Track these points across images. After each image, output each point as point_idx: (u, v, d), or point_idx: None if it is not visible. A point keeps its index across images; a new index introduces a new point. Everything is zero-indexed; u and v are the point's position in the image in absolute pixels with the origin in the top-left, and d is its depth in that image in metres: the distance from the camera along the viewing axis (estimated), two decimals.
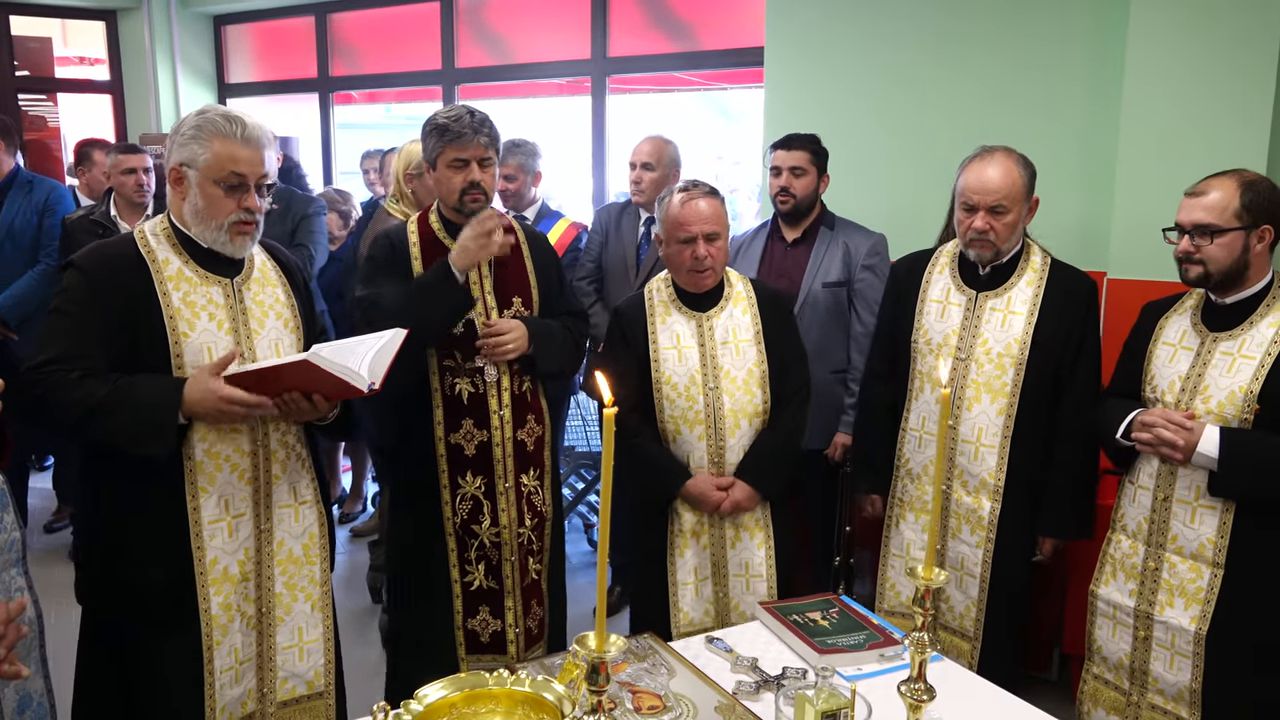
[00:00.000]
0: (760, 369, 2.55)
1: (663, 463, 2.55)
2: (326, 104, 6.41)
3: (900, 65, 3.84)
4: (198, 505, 2.05)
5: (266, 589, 2.18)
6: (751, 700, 1.82)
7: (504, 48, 5.66)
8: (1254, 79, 3.03)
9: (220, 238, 2.05)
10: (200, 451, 2.04)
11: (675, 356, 2.54)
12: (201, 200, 2.02)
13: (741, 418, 2.54)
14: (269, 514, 2.16)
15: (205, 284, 2.07)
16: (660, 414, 2.56)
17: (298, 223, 4.22)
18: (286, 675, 2.22)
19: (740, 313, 2.58)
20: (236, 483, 2.10)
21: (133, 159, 4.20)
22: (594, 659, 1.22)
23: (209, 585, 2.07)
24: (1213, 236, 2.17)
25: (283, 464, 2.17)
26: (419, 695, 1.37)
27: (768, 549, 2.58)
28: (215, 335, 2.06)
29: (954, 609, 2.66)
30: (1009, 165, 2.48)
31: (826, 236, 3.26)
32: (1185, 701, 2.26)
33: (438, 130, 2.48)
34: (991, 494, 2.56)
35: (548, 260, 2.72)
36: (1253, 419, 2.15)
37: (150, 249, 2.04)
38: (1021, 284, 2.56)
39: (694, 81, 5.53)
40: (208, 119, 2.01)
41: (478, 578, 2.60)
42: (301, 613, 2.23)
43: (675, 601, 2.56)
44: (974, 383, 2.55)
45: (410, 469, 2.62)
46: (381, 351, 2.05)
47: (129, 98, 6.62)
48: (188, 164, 2.02)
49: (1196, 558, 2.23)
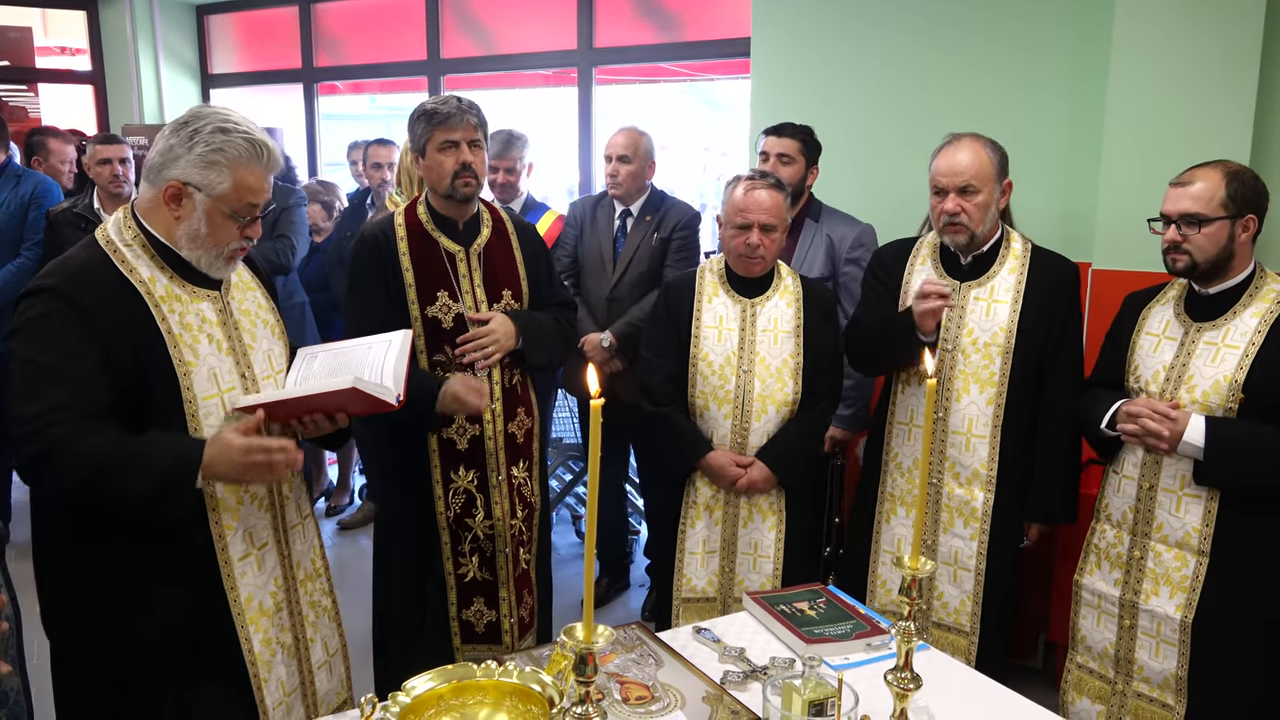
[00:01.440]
0: (795, 360, 2.62)
1: (688, 433, 2.65)
2: (311, 95, 6.37)
3: (886, 56, 3.84)
4: (225, 545, 1.86)
5: (297, 614, 2.04)
6: (739, 690, 1.82)
7: (489, 38, 5.63)
8: (1238, 69, 3.04)
9: (216, 263, 1.87)
10: (220, 488, 1.85)
11: (715, 336, 2.64)
12: (206, 227, 1.81)
13: (770, 404, 2.61)
14: (287, 538, 2.02)
15: (194, 300, 1.86)
16: (692, 388, 2.65)
17: (278, 214, 4.19)
18: (325, 693, 2.11)
19: (785, 304, 2.66)
20: (257, 512, 1.94)
21: (108, 149, 4.16)
22: (581, 650, 1.22)
23: (248, 625, 1.90)
24: (1199, 226, 2.18)
25: (289, 481, 2.03)
26: (406, 687, 1.37)
27: (778, 533, 2.65)
28: (218, 359, 1.86)
29: (948, 605, 2.63)
30: (976, 147, 2.51)
31: (811, 229, 3.25)
32: (1172, 689, 2.27)
33: (425, 116, 2.47)
34: (984, 485, 2.56)
35: (537, 251, 2.71)
36: (1237, 408, 2.16)
37: (130, 266, 1.79)
38: (1004, 272, 2.57)
39: (681, 72, 5.52)
40: (232, 144, 1.78)
41: (472, 569, 2.60)
42: (325, 627, 2.12)
43: (680, 568, 2.66)
44: (962, 373, 2.56)
45: (400, 463, 2.61)
46: (399, 360, 1.98)
47: (111, 88, 6.55)
48: (197, 187, 1.79)
49: (1182, 546, 2.24)
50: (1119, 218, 3.26)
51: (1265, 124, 3.10)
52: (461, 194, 2.48)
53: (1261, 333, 2.17)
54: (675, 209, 3.62)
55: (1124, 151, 3.25)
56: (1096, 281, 3.31)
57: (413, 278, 2.50)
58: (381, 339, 2.05)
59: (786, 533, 2.65)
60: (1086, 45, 3.44)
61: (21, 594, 1.98)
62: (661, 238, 3.56)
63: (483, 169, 2.51)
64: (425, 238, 2.53)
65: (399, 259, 2.51)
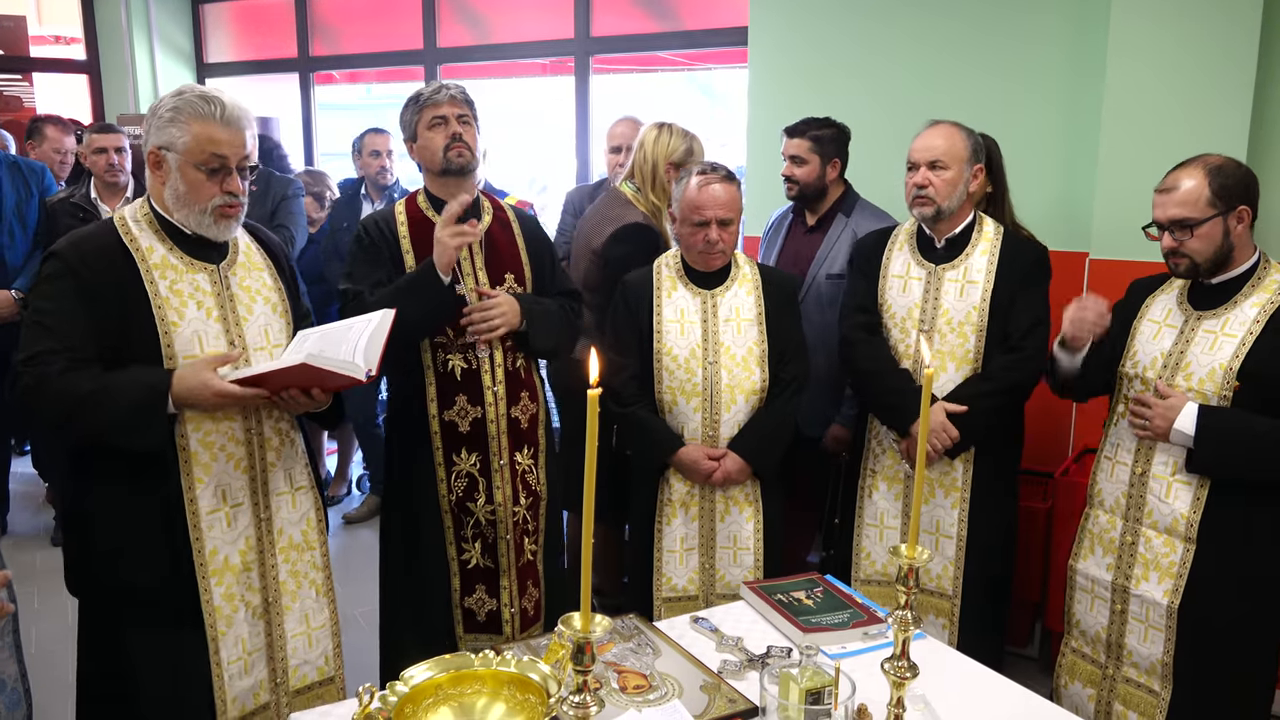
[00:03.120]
0: (760, 348, 2.61)
1: (657, 431, 2.61)
2: (307, 84, 6.35)
3: (884, 45, 3.83)
4: (194, 496, 2.01)
5: (271, 578, 2.15)
6: (736, 679, 1.83)
7: (486, 27, 5.61)
8: (1235, 58, 3.04)
9: (204, 221, 2.01)
10: (195, 441, 2.01)
11: (678, 330, 2.60)
12: (183, 184, 1.98)
13: (738, 394, 2.59)
14: (266, 502, 2.13)
15: (191, 271, 2.03)
16: (659, 384, 2.61)
17: (277, 204, 4.18)
18: (298, 663, 2.21)
19: (745, 293, 2.64)
20: (233, 472, 2.07)
21: (104, 138, 4.14)
22: (579, 639, 1.22)
23: (209, 577, 2.04)
24: (1191, 230, 2.18)
25: (277, 451, 2.15)
26: (405, 677, 1.38)
27: (756, 523, 2.63)
28: (205, 324, 2.01)
29: (930, 570, 2.71)
30: (949, 129, 2.61)
31: (840, 224, 3.20)
32: (1157, 674, 2.29)
33: (413, 100, 2.53)
34: (963, 457, 2.64)
35: (540, 240, 2.72)
36: (1232, 396, 2.17)
37: (133, 236, 1.99)
38: (976, 254, 2.63)
39: (678, 62, 5.51)
40: (185, 100, 1.96)
41: (474, 555, 2.60)
42: (308, 599, 2.22)
43: (659, 568, 2.63)
44: (939, 353, 2.62)
45: (403, 446, 2.62)
46: (374, 336, 2.05)
47: (106, 77, 6.52)
48: (166, 147, 1.97)
49: (1170, 532, 2.26)
50: (1116, 208, 3.26)
51: (1262, 113, 3.10)
52: (455, 164, 2.50)
53: (1260, 322, 2.17)
54: None
55: (1121, 142, 3.25)
56: (1094, 271, 3.31)
57: (413, 261, 2.52)
58: (364, 318, 2.13)
59: (765, 523, 2.64)
60: (1084, 35, 3.44)
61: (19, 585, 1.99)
62: None
63: (475, 141, 2.53)
64: (426, 224, 2.53)
65: (400, 244, 2.53)
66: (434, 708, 1.37)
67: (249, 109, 2.04)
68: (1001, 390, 2.58)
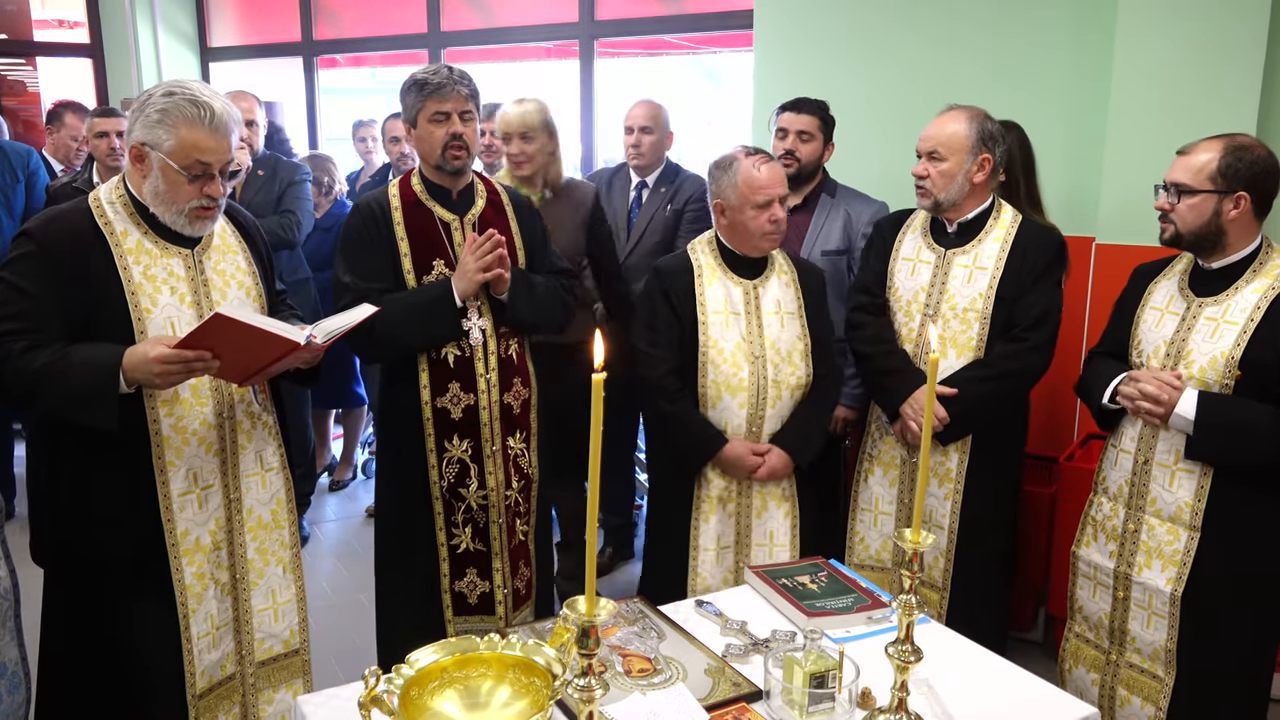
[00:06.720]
0: (804, 342, 2.58)
1: (700, 427, 2.54)
2: (311, 68, 6.32)
3: (889, 29, 3.80)
4: (166, 479, 2.04)
5: (239, 556, 2.20)
6: (741, 663, 1.84)
7: (490, 10, 5.58)
8: (1244, 43, 3.02)
9: (180, 220, 2.02)
10: (167, 426, 2.03)
11: (723, 322, 2.54)
12: (163, 184, 1.98)
13: (784, 389, 2.55)
14: (236, 483, 2.17)
15: (165, 256, 2.04)
16: (703, 378, 2.54)
17: (284, 189, 4.17)
18: (264, 636, 2.27)
19: (784, 284, 2.61)
20: (204, 456, 2.10)
21: (105, 122, 4.13)
22: (584, 623, 1.23)
23: (181, 556, 2.07)
24: (1181, 196, 2.19)
25: (248, 433, 2.18)
26: (410, 660, 1.38)
27: (792, 519, 2.61)
28: (178, 309, 2.03)
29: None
30: (955, 116, 2.58)
31: (827, 204, 3.21)
32: (1161, 660, 2.30)
33: (417, 86, 2.48)
34: (957, 447, 2.62)
35: (532, 224, 2.72)
36: (1234, 384, 2.16)
37: (108, 220, 1.99)
38: (989, 240, 2.60)
39: (683, 45, 5.47)
40: (175, 103, 1.94)
41: (464, 540, 2.61)
42: (274, 575, 2.27)
43: (694, 567, 2.57)
44: (941, 339, 2.60)
45: (396, 433, 2.62)
46: (340, 318, 2.11)
47: (109, 61, 6.49)
48: (152, 145, 1.96)
49: (1174, 520, 2.25)
50: (1123, 193, 3.24)
51: (1271, 99, 3.08)
52: (451, 166, 2.50)
53: (1261, 309, 2.16)
54: (690, 181, 3.64)
55: (1129, 126, 3.23)
56: (1100, 257, 3.30)
57: (408, 247, 2.52)
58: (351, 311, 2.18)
59: (800, 516, 2.62)
60: (1092, 19, 3.41)
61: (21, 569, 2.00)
62: (675, 209, 3.59)
63: (474, 140, 2.53)
64: (419, 207, 2.54)
65: (394, 229, 2.53)
66: (439, 690, 1.38)
67: (238, 112, 2.05)
68: (993, 377, 2.53)
